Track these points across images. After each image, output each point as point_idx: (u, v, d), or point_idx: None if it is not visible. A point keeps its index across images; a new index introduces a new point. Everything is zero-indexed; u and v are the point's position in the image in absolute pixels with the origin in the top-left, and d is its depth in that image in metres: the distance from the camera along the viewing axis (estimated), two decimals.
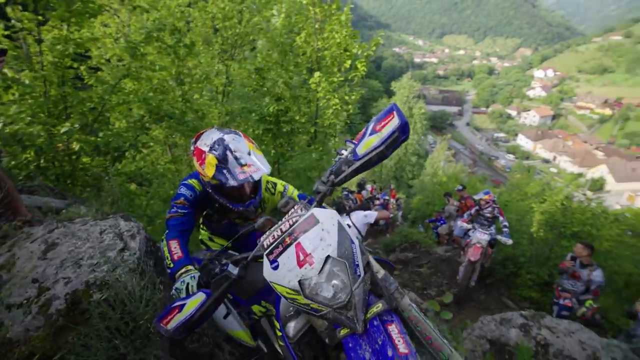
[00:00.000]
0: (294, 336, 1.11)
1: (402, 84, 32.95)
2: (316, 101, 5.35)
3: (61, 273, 1.34)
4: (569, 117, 68.79)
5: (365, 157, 1.09)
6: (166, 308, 1.02)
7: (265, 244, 1.05)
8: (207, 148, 1.40)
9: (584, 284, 4.85)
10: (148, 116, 5.42)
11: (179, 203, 1.54)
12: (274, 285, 0.99)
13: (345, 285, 0.93)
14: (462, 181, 13.75)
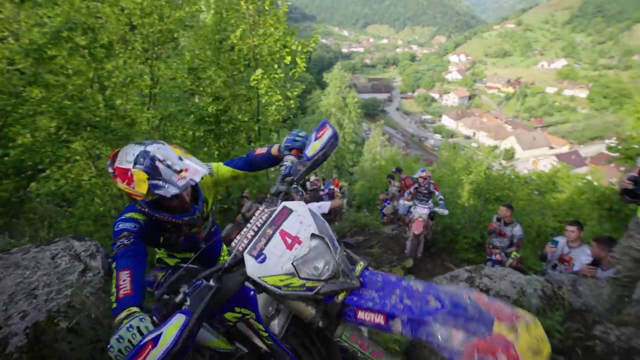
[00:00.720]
0: (279, 332, 1.16)
1: (333, 75, 33.75)
2: (257, 98, 5.27)
3: (13, 308, 1.21)
4: (482, 97, 77.53)
5: (314, 157, 1.31)
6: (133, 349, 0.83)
7: (241, 247, 1.04)
8: (130, 165, 1.24)
9: (508, 239, 5.66)
10: (66, 127, 4.82)
11: (122, 237, 1.30)
12: (263, 280, 0.99)
13: (330, 257, 1.02)
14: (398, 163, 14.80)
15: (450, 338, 0.83)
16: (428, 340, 0.88)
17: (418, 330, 0.90)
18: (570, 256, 4.27)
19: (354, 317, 1.02)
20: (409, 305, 0.94)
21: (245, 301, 1.20)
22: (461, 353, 0.81)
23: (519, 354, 0.75)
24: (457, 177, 10.46)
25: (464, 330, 0.83)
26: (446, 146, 42.57)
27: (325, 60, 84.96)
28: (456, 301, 0.90)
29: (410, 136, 59.40)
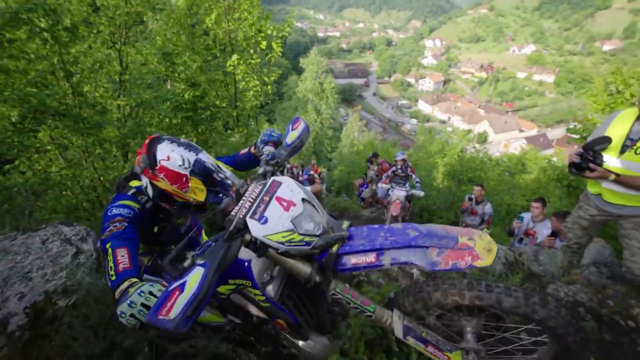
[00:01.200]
0: (275, 295, 1.28)
1: (310, 60, 33.30)
2: (234, 84, 5.19)
3: (9, 291, 1.24)
4: (457, 82, 79.21)
5: (293, 144, 1.56)
6: (160, 297, 0.89)
7: (241, 215, 1.14)
8: (186, 171, 1.32)
9: (479, 217, 6.02)
10: (31, 116, 4.57)
11: (115, 221, 1.32)
12: (268, 238, 1.10)
13: (320, 218, 1.18)
14: (376, 148, 15.07)
15: (428, 254, 1.06)
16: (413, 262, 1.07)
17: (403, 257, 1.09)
18: (534, 230, 4.65)
19: (348, 264, 1.16)
20: (393, 239, 1.12)
21: (239, 273, 1.27)
22: (439, 263, 1.04)
23: (478, 253, 1.01)
24: (432, 161, 10.85)
25: (438, 246, 1.06)
26: (422, 131, 43.48)
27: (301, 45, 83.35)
28: (429, 229, 1.12)
29: (388, 121, 60.09)
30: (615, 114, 2.29)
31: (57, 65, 4.90)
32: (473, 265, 1.00)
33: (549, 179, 5.32)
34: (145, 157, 1.35)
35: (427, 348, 1.21)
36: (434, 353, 1.21)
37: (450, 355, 1.21)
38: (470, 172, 7.62)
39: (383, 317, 1.22)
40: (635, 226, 2.16)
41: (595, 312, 1.93)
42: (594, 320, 1.86)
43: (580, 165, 2.20)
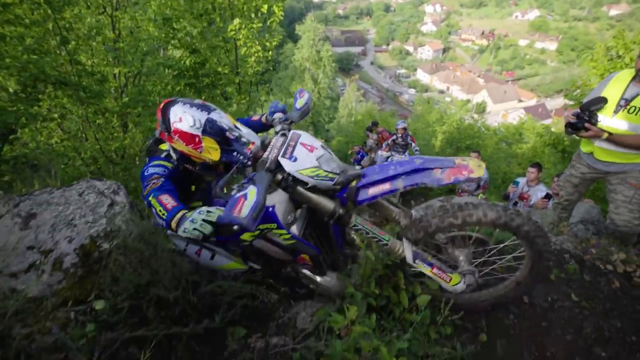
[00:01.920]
0: (299, 232, 1.48)
1: (306, 27, 32.05)
2: (236, 50, 5.12)
3: (58, 235, 1.39)
4: (456, 50, 76.96)
5: (302, 108, 1.71)
6: (230, 202, 1.07)
7: (272, 157, 1.31)
8: (198, 131, 1.37)
9: (475, 182, 6.20)
10: (32, 85, 4.54)
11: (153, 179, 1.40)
12: (299, 173, 1.28)
13: (338, 161, 1.40)
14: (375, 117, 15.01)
15: (434, 174, 1.31)
16: (423, 182, 1.31)
17: (415, 179, 1.32)
18: (528, 194, 4.84)
19: (367, 195, 1.38)
20: (402, 168, 1.35)
21: (264, 218, 1.39)
22: (443, 179, 1.29)
23: (471, 168, 1.29)
24: (431, 130, 10.91)
25: (440, 167, 1.31)
26: (420, 101, 42.93)
27: (295, 11, 79.68)
28: (430, 157, 1.37)
29: (385, 91, 59.00)
30: (612, 75, 2.37)
31: (53, 31, 4.79)
32: (470, 177, 1.27)
33: (545, 144, 5.46)
34: (161, 120, 1.42)
35: (432, 270, 1.44)
36: (438, 274, 1.44)
37: (451, 276, 1.45)
38: (468, 140, 7.72)
39: (396, 245, 1.44)
40: (621, 181, 2.32)
41: (579, 258, 2.13)
42: (576, 263, 2.07)
43: (576, 125, 2.33)
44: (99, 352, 1.17)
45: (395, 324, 1.51)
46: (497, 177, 8.70)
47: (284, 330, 1.57)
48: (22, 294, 1.24)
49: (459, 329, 1.70)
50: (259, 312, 1.71)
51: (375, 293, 1.49)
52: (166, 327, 1.34)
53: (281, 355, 1.34)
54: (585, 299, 1.87)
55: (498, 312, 1.80)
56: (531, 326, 1.73)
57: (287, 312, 1.71)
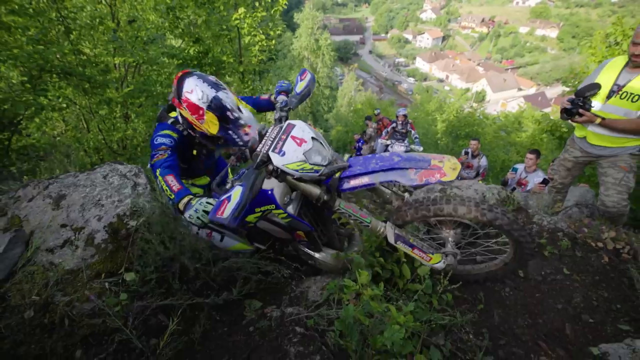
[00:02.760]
0: (295, 211, 1.62)
1: (304, 15, 31.63)
2: (239, 39, 5.14)
3: (87, 214, 1.50)
4: (456, 38, 76.08)
5: (302, 92, 1.76)
6: (215, 204, 1.25)
7: (265, 150, 1.44)
8: (204, 105, 1.52)
9: (475, 170, 6.30)
10: (38, 75, 4.58)
11: (161, 149, 1.57)
12: (286, 167, 1.41)
13: (326, 152, 1.49)
14: (375, 105, 15.04)
15: (408, 174, 1.41)
16: (397, 180, 1.42)
17: (390, 176, 1.43)
18: (526, 180, 4.95)
19: (349, 185, 1.51)
20: (382, 163, 1.46)
21: (265, 200, 1.55)
22: (416, 180, 1.39)
23: (444, 171, 1.37)
24: (430, 119, 10.97)
25: (415, 167, 1.41)
26: (419, 90, 42.72)
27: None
28: (409, 155, 1.48)
29: (384, 80, 58.57)
30: (606, 62, 2.46)
31: (56, 20, 4.81)
32: (441, 180, 1.35)
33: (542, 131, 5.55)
34: (175, 88, 1.57)
35: (413, 250, 1.57)
36: (419, 254, 1.57)
37: (432, 256, 1.57)
38: (468, 128, 7.80)
39: (377, 226, 1.57)
40: (612, 165, 2.43)
41: (572, 236, 2.26)
42: (569, 241, 2.19)
43: (570, 110, 2.42)
44: (132, 318, 1.29)
45: (400, 294, 1.63)
46: (496, 165, 8.81)
47: (296, 303, 1.69)
48: (60, 267, 1.36)
49: (459, 299, 1.83)
50: (272, 286, 1.84)
51: (381, 262, 1.61)
52: (190, 297, 1.47)
53: (296, 323, 1.46)
54: (576, 273, 2.00)
55: (495, 285, 1.93)
56: (525, 297, 1.87)
57: (298, 286, 1.83)
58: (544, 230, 2.25)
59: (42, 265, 1.37)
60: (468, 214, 1.42)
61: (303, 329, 1.42)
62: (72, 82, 4.60)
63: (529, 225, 2.31)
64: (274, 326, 1.44)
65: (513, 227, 1.44)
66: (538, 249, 2.11)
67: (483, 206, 1.41)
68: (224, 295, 1.58)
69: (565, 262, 2.07)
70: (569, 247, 2.14)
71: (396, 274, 1.67)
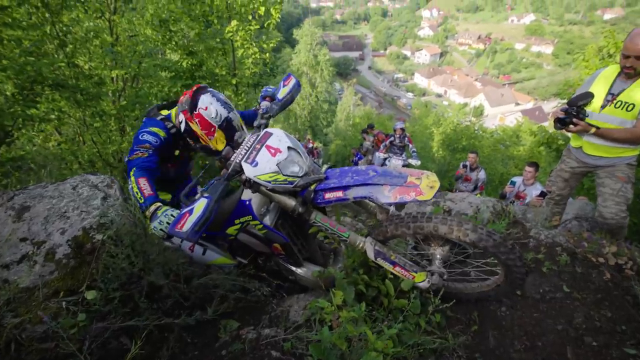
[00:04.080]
0: (271, 222, 1.55)
1: (304, 32, 32.23)
2: (233, 51, 5.17)
3: (50, 227, 1.40)
4: (454, 54, 77.55)
5: (283, 99, 1.74)
6: (176, 217, 1.21)
7: (238, 160, 1.40)
8: (216, 123, 1.55)
9: (473, 183, 6.22)
10: (29, 87, 4.56)
11: (144, 147, 1.58)
12: (258, 178, 1.36)
13: (303, 162, 1.43)
14: (373, 120, 15.10)
15: (382, 190, 1.31)
16: (370, 197, 1.32)
17: (364, 193, 1.33)
18: (524, 193, 4.86)
19: (323, 198, 1.42)
20: (357, 177, 1.37)
21: (243, 211, 1.52)
22: (389, 197, 1.29)
23: (421, 189, 1.26)
24: (428, 132, 10.98)
25: (390, 184, 1.31)
26: (418, 105, 43.09)
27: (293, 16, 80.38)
28: (385, 170, 1.37)
29: (383, 95, 59.32)
30: (599, 71, 2.41)
31: (50, 34, 4.84)
32: (416, 199, 1.25)
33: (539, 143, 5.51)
34: (189, 100, 1.57)
35: (394, 268, 1.47)
36: (400, 272, 1.46)
37: (415, 274, 1.46)
38: (465, 141, 7.77)
39: (356, 241, 1.48)
40: (609, 175, 2.35)
41: (571, 251, 2.15)
42: (568, 256, 2.08)
43: (564, 120, 2.36)
44: (89, 341, 1.18)
45: (387, 314, 1.52)
46: (495, 178, 8.73)
47: (276, 323, 1.57)
48: (14, 285, 1.25)
49: (452, 320, 1.71)
50: (251, 305, 1.72)
51: (363, 280, 1.50)
52: (158, 317, 1.35)
53: (272, 346, 1.34)
54: (577, 290, 1.88)
55: (490, 304, 1.81)
56: (523, 317, 1.74)
57: (280, 305, 1.71)
58: (542, 245, 2.14)
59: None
60: (449, 233, 1.31)
61: (279, 353, 1.30)
62: (65, 94, 4.57)
63: (526, 239, 2.20)
64: (247, 350, 1.32)
65: (500, 249, 1.32)
66: (533, 269, 1.99)
67: (466, 226, 1.30)
68: (197, 314, 1.46)
69: (565, 278, 1.95)
70: (568, 263, 2.03)
71: (382, 291, 1.56)
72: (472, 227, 1.30)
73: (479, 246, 1.32)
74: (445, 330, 1.60)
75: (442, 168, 7.83)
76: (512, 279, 1.51)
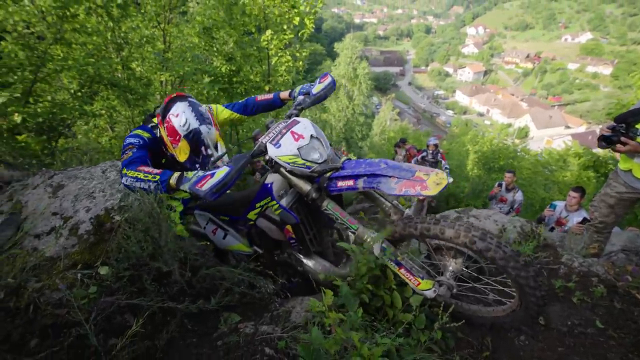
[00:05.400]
0: (287, 204, 1.63)
1: (344, 45, 32.75)
2: (268, 59, 5.41)
3: (78, 205, 1.52)
4: (499, 72, 74.57)
5: (317, 94, 1.81)
6: (199, 177, 1.32)
7: (264, 140, 1.51)
8: (183, 132, 1.56)
9: (509, 204, 5.85)
10: (89, 85, 5.07)
11: (128, 148, 1.58)
12: (279, 158, 1.47)
13: (323, 151, 1.52)
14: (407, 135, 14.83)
15: (389, 182, 1.32)
16: (378, 187, 1.34)
17: (372, 183, 1.37)
18: (566, 219, 4.48)
19: (336, 186, 1.47)
20: (368, 168, 1.40)
21: (264, 193, 1.62)
22: (395, 189, 1.30)
23: (427, 184, 1.24)
24: (464, 150, 10.54)
25: (397, 177, 1.32)
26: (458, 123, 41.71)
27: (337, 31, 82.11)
28: (396, 164, 1.39)
29: (422, 112, 58.21)
30: None
31: (110, 39, 5.36)
32: (420, 194, 1.25)
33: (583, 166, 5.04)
34: (164, 105, 1.63)
35: (400, 269, 1.44)
36: (405, 275, 1.43)
37: (421, 281, 1.41)
38: (503, 160, 7.35)
39: (364, 235, 1.49)
40: None
41: (610, 283, 1.93)
42: (605, 288, 1.87)
43: (610, 138, 2.13)
44: (96, 313, 1.25)
45: (390, 326, 1.45)
46: (535, 203, 8.15)
47: (276, 321, 1.56)
48: (40, 253, 1.36)
49: (462, 342, 1.60)
50: (255, 302, 1.73)
51: (367, 289, 1.45)
52: (162, 300, 1.40)
53: (267, 343, 1.33)
54: (613, 328, 1.68)
55: (508, 331, 1.67)
56: (545, 349, 1.59)
57: (282, 305, 1.71)
58: (574, 273, 1.95)
59: (27, 250, 1.38)
60: (456, 238, 1.26)
61: (273, 350, 1.29)
62: (117, 93, 5.00)
63: (556, 264, 2.02)
64: (242, 343, 1.32)
65: (510, 263, 1.23)
66: (561, 298, 1.81)
67: (474, 232, 1.24)
68: (200, 303, 1.49)
69: (600, 313, 1.75)
70: (604, 296, 1.82)
71: (386, 302, 1.50)
72: (480, 235, 1.24)
73: (487, 257, 1.25)
74: (453, 351, 1.50)
75: (476, 187, 7.45)
76: (527, 304, 1.39)
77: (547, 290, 1.87)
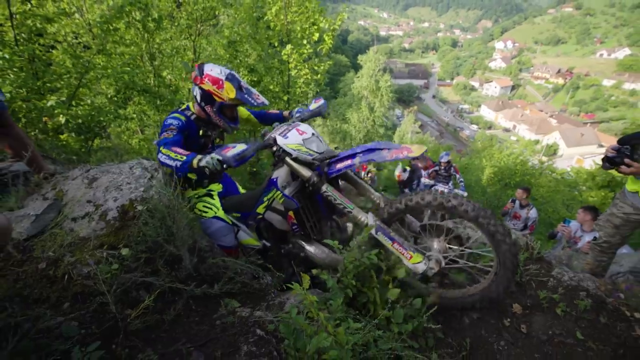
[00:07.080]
0: (290, 193, 1.93)
1: (368, 57, 33.08)
2: (288, 72, 5.73)
3: (108, 195, 1.77)
4: (527, 87, 72.54)
5: (312, 110, 2.21)
6: (221, 148, 1.67)
7: (273, 134, 1.90)
8: (222, 76, 1.95)
9: (523, 222, 5.78)
10: (123, 91, 5.55)
11: (170, 129, 1.94)
12: (286, 146, 1.82)
13: (322, 146, 1.87)
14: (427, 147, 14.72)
15: (382, 153, 1.65)
16: (372, 159, 1.64)
17: (367, 156, 1.65)
18: (579, 238, 4.41)
19: (335, 168, 1.77)
20: (363, 149, 1.70)
21: (271, 187, 1.93)
22: (387, 157, 1.63)
23: (412, 149, 1.61)
24: (482, 164, 10.39)
25: (388, 148, 1.65)
26: (482, 137, 40.78)
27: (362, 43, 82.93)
28: (388, 142, 1.69)
29: (446, 125, 57.39)
30: None
31: (145, 50, 5.85)
32: (407, 156, 1.61)
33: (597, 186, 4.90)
34: (197, 70, 2.02)
35: (393, 244, 1.67)
36: (398, 249, 1.66)
37: (412, 254, 1.64)
38: (519, 176, 7.24)
39: (359, 215, 1.76)
40: None
41: (599, 299, 1.97)
42: (593, 302, 1.91)
43: (614, 159, 2.16)
44: (116, 287, 1.47)
45: (370, 320, 1.58)
46: (555, 222, 7.91)
47: (271, 310, 1.74)
48: (76, 233, 1.62)
49: (441, 342, 1.70)
50: (255, 292, 1.91)
51: (353, 285, 1.60)
52: (171, 281, 1.61)
53: (259, 325, 1.51)
54: (593, 340, 1.73)
55: (488, 335, 1.76)
56: (522, 355, 1.67)
57: (279, 296, 1.88)
58: (561, 286, 2.00)
59: (65, 230, 1.64)
60: (434, 200, 1.53)
61: (263, 332, 1.46)
62: (148, 98, 5.43)
63: (545, 277, 2.07)
64: (237, 324, 1.50)
65: (480, 213, 1.49)
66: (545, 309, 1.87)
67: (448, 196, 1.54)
68: (204, 287, 1.69)
69: (582, 325, 1.80)
70: (588, 309, 1.87)
71: (370, 298, 1.64)
72: (453, 196, 1.53)
73: (460, 212, 1.50)
74: (432, 350, 1.61)
75: (491, 203, 7.36)
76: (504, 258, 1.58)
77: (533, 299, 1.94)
